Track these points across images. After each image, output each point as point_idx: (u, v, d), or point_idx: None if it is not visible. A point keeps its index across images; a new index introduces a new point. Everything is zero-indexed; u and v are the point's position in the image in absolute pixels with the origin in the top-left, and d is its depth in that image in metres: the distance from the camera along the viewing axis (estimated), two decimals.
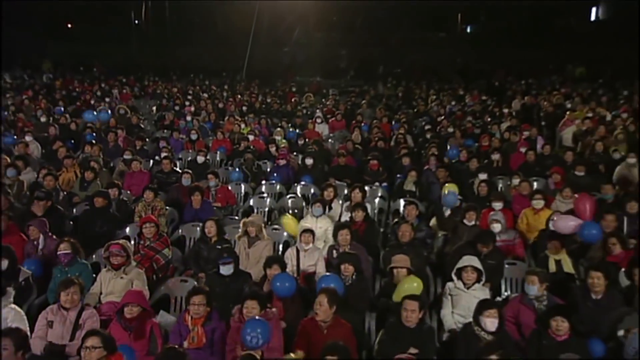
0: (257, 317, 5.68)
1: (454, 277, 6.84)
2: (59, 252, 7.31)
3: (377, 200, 10.74)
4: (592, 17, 47.92)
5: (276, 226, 9.24)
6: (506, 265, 7.81)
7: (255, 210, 10.49)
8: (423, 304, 5.99)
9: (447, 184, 9.08)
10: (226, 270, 6.96)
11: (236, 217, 9.80)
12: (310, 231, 7.78)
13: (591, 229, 7.82)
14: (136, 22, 49.61)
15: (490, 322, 5.68)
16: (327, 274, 7.07)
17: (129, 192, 10.88)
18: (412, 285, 6.52)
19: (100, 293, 7.07)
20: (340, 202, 10.13)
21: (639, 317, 5.72)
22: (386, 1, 44.26)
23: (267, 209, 10.54)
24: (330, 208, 9.27)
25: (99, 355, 4.97)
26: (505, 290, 7.77)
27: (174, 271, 8.05)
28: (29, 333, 6.10)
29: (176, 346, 5.28)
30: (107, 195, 9.41)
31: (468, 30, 51.57)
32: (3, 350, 5.11)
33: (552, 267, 7.61)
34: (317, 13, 32.79)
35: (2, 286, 6.24)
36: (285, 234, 8.89)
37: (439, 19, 48.46)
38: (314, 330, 5.89)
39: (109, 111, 16.72)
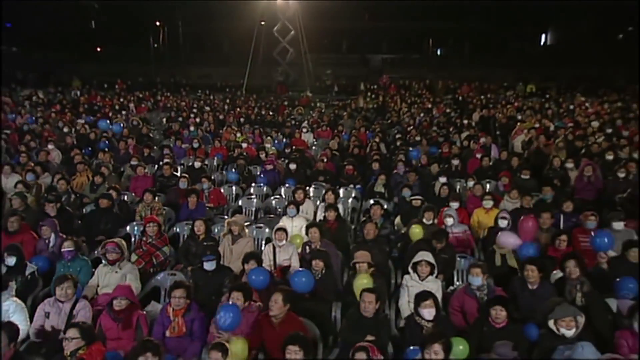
0: (231, 303, 5.47)
1: (410, 271, 6.55)
2: (62, 249, 7.07)
3: (350, 200, 10.44)
4: (542, 42, 48.42)
5: (260, 224, 8.91)
6: (458, 258, 7.55)
7: (244, 210, 10.22)
8: (379, 296, 5.70)
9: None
10: (209, 266, 6.67)
11: (226, 217, 9.48)
12: (283, 230, 7.46)
13: (529, 249, 7.37)
14: (155, 45, 49.64)
15: (428, 312, 5.45)
16: (300, 269, 6.75)
17: (133, 194, 10.56)
18: (363, 281, 6.24)
19: (98, 286, 6.78)
20: (318, 202, 9.88)
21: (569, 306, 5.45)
22: (368, 26, 44.79)
23: (254, 209, 10.24)
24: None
25: (77, 345, 4.75)
26: (457, 280, 7.49)
27: (167, 265, 7.71)
28: (28, 323, 5.85)
29: (151, 338, 4.98)
30: (111, 197, 9.11)
31: (438, 52, 51.82)
32: None
33: (498, 261, 7.33)
34: (308, 37, 32.44)
35: (3, 281, 5.95)
36: (267, 230, 8.55)
37: (413, 43, 48.95)
38: (267, 326, 5.57)
39: (121, 124, 16.30)
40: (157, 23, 51.36)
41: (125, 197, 10.30)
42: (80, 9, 49.24)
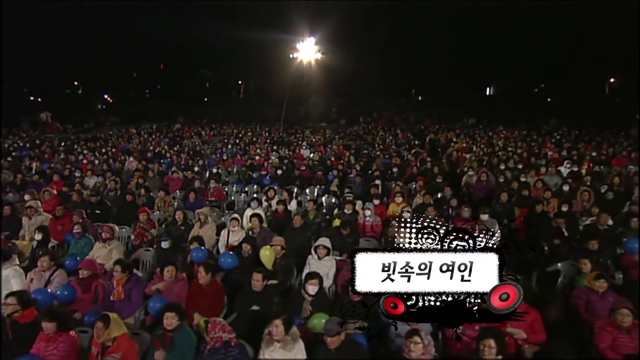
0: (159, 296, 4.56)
1: (312, 252, 5.45)
2: (73, 230, 6.26)
3: (307, 197, 9.32)
4: (487, 92, 47.27)
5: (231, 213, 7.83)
6: (361, 240, 6.40)
7: (236, 203, 9.26)
8: (266, 275, 4.65)
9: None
10: (165, 245, 5.79)
11: (217, 208, 8.55)
12: (235, 219, 6.47)
13: None
14: (239, 95, 50.33)
15: (312, 288, 4.42)
16: (229, 252, 5.73)
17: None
18: (266, 254, 5.21)
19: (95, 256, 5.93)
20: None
21: None
22: (374, 80, 44.33)
23: (242, 202, 9.25)
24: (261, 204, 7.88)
25: (13, 309, 3.89)
26: None
27: (155, 242, 6.73)
28: (24, 286, 5.05)
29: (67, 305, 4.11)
30: (133, 193, 8.34)
31: (420, 98, 50.30)
32: None
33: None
34: (324, 87, 31.48)
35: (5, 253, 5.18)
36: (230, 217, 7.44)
37: (402, 91, 47.99)
38: (198, 289, 4.68)
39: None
40: (240, 82, 52.53)
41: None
42: (200, 75, 50.99)
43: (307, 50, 28.19)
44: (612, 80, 35.30)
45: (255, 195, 8.23)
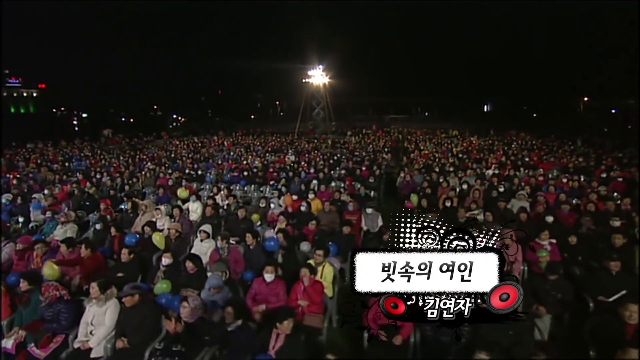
0: None
1: (198, 235, 5.64)
2: (46, 215, 6.87)
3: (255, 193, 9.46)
4: (485, 109, 45.93)
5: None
6: (259, 228, 6.43)
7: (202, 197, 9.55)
8: (132, 251, 4.90)
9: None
10: (98, 226, 6.20)
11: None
12: (158, 209, 6.72)
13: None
14: (279, 113, 52.05)
15: (165, 260, 4.65)
16: (132, 233, 5.98)
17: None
18: (156, 238, 5.44)
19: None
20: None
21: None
22: (386, 99, 44.06)
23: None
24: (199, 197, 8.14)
25: None
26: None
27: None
28: None
29: None
30: (115, 190, 8.90)
31: (426, 114, 49.08)
32: None
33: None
34: (330, 105, 31.63)
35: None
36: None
37: (408, 108, 47.53)
38: (82, 260, 4.92)
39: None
40: (277, 102, 54.30)
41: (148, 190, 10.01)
42: (251, 97, 53.97)
43: (317, 76, 28.87)
44: (585, 99, 33.41)
45: (199, 192, 8.50)
